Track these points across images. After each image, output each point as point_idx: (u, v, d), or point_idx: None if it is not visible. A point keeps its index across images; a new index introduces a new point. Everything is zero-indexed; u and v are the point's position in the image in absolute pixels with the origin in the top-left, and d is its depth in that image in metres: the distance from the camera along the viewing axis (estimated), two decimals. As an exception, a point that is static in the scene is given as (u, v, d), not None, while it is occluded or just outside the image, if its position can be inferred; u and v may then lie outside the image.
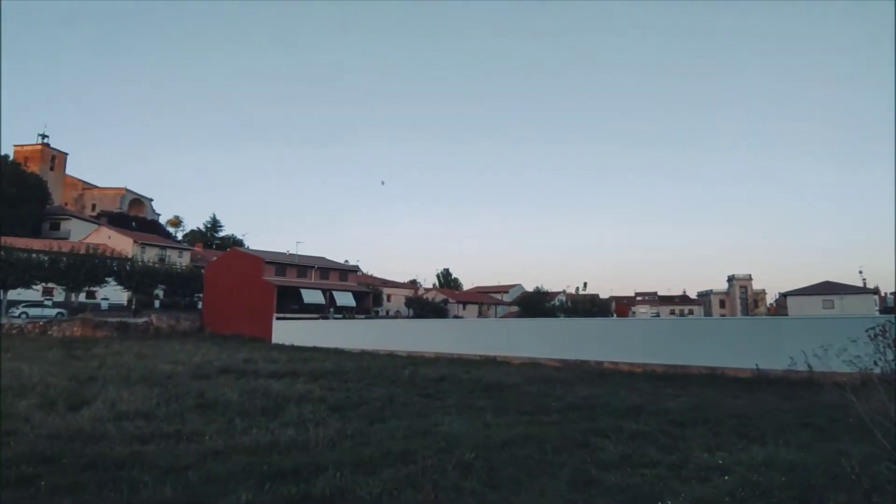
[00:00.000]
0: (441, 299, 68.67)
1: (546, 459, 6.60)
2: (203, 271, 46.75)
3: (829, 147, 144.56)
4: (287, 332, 32.37)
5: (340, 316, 40.62)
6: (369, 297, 47.59)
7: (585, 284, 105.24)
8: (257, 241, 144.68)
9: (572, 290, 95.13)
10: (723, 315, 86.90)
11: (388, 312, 64.17)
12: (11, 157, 69.85)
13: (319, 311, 41.29)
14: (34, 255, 37.34)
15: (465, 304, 73.14)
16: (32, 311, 35.62)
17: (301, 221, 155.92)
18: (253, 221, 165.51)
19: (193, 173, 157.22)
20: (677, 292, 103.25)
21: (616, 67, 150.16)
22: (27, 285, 36.60)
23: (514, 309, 70.60)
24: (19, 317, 34.14)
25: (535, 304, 63.89)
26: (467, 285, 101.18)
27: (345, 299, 43.46)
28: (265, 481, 5.55)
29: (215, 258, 51.76)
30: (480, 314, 73.19)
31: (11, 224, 54.35)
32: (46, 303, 39.58)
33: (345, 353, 24.97)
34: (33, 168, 71.82)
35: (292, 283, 40.98)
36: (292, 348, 27.37)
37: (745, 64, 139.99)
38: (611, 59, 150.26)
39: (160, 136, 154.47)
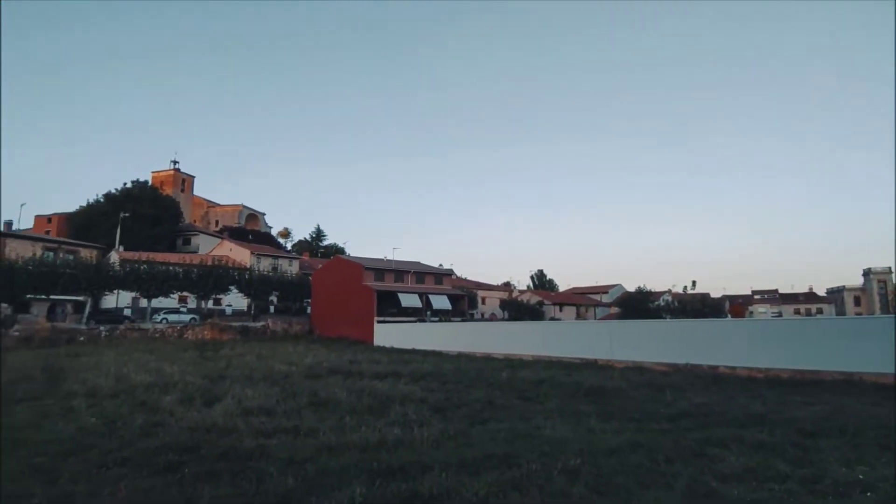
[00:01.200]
0: (536, 301, 67.62)
1: (658, 469, 6.24)
2: (310, 278, 50.08)
3: None
4: (387, 334, 33.68)
5: (437, 319, 41.46)
6: (464, 299, 48.10)
7: (694, 283, 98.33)
8: (357, 248, 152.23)
9: (679, 290, 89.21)
10: (858, 314, 76.68)
11: (483, 315, 64.41)
12: (150, 182, 79.86)
13: (416, 315, 42.47)
14: (171, 268, 42.44)
15: (561, 305, 71.42)
16: (171, 317, 40.32)
17: (396, 228, 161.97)
18: (352, 230, 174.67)
19: (298, 188, 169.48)
20: (802, 289, 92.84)
21: (723, 57, 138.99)
22: (166, 294, 41.65)
23: (615, 310, 67.63)
24: (161, 322, 38.80)
25: (638, 305, 60.74)
26: (563, 286, 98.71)
27: (440, 302, 44.33)
28: (375, 478, 5.81)
29: (320, 266, 55.25)
30: (578, 316, 71.04)
31: (152, 241, 62.20)
32: (182, 309, 44.61)
33: (442, 355, 25.42)
34: (167, 191, 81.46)
35: (390, 287, 42.60)
36: (392, 350, 28.40)
37: None
38: (715, 51, 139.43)
39: (268, 155, 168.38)
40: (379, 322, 36.50)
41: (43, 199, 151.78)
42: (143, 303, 42.56)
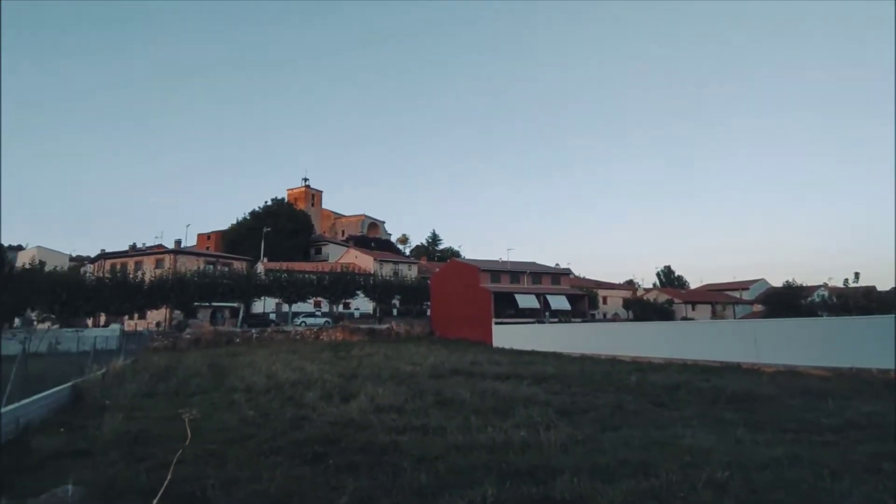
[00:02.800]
0: (664, 300, 63.17)
1: (822, 485, 5.48)
2: (428, 282, 51.85)
3: None
4: (506, 336, 33.64)
5: (556, 320, 40.53)
6: (584, 299, 46.43)
7: (857, 275, 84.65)
8: (471, 251, 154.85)
9: (837, 283, 77.51)
10: None
11: (604, 315, 61.70)
12: (286, 199, 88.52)
13: (534, 316, 41.90)
14: (306, 276, 46.67)
15: (693, 304, 65.87)
16: (309, 321, 44.21)
17: (510, 229, 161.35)
18: (466, 233, 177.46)
19: (413, 194, 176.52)
20: None
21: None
22: (304, 299, 45.94)
23: (759, 308, 60.77)
24: (300, 325, 42.69)
25: (788, 302, 53.82)
26: (694, 283, 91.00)
27: (559, 303, 43.27)
28: (505, 479, 5.81)
29: (437, 269, 56.92)
30: (714, 315, 64.95)
31: (289, 252, 68.88)
32: (317, 313, 48.73)
33: (564, 357, 24.77)
34: (300, 206, 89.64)
35: (506, 288, 42.53)
36: (512, 351, 28.30)
37: None
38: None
39: (384, 165, 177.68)
40: (497, 324, 36.61)
41: (203, 219, 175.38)
42: (285, 307, 47.32)
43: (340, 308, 52.31)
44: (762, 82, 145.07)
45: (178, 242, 64.07)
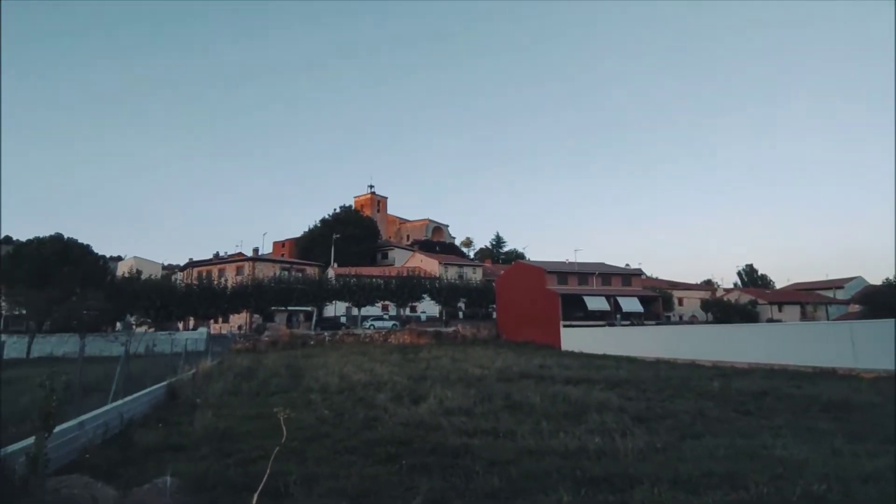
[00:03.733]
0: (747, 300, 59.16)
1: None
2: (493, 284, 51.63)
3: None
4: (575, 339, 32.84)
5: (628, 322, 39.05)
6: (658, 301, 44.42)
7: (977, 270, 75.16)
8: (537, 252, 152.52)
9: (952, 280, 69.13)
10: None
11: (681, 317, 58.73)
12: (353, 206, 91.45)
13: (604, 318, 40.60)
14: (374, 280, 48.00)
15: (780, 304, 61.18)
16: (377, 324, 45.35)
17: (576, 230, 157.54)
18: (531, 235, 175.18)
19: (476, 197, 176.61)
20: None
21: None
22: (372, 303, 47.26)
23: (855, 308, 55.42)
24: (369, 328, 43.89)
25: (889, 301, 48.68)
26: (780, 282, 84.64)
27: (631, 304, 41.65)
28: (580, 486, 5.66)
29: (502, 272, 56.57)
30: (804, 316, 60.01)
31: (357, 257, 71.09)
32: (385, 316, 49.90)
33: (637, 361, 23.83)
34: (366, 212, 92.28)
35: (574, 290, 41.51)
36: (582, 355, 27.58)
37: None
38: None
39: (447, 169, 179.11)
40: (565, 326, 35.82)
41: (278, 227, 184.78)
42: (354, 311, 48.87)
43: (407, 311, 53.27)
44: (852, 69, 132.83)
45: (255, 250, 67.91)
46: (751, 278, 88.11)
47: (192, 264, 62.80)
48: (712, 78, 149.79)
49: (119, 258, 77.45)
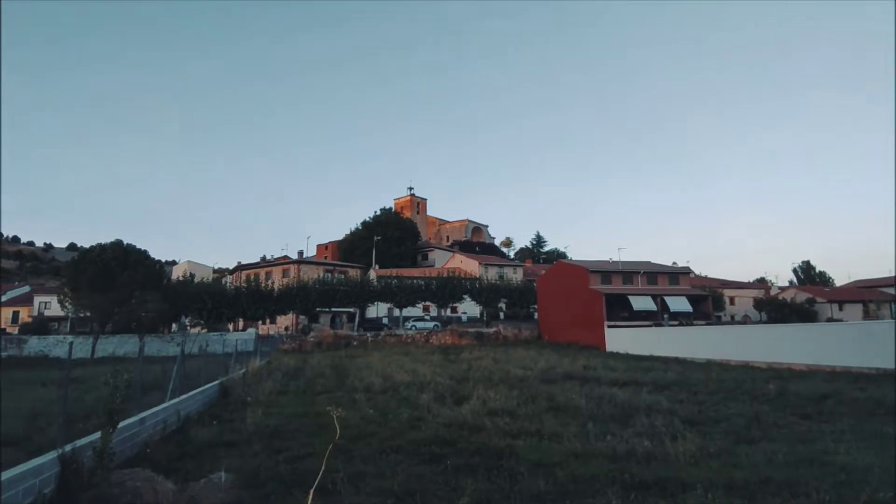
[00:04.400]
0: (804, 299, 56.19)
1: None
2: (535, 284, 51.06)
3: None
4: (620, 339, 32.06)
5: (676, 323, 37.79)
6: (707, 300, 42.77)
7: None
8: (579, 252, 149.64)
9: None
10: None
11: (732, 318, 56.41)
12: (393, 208, 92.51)
13: (651, 318, 39.42)
14: (414, 281, 48.41)
15: (840, 303, 57.75)
16: (419, 325, 45.68)
17: (619, 228, 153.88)
18: (572, 234, 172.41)
19: (515, 197, 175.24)
20: None
21: None
22: (413, 304, 47.66)
23: (926, 307, 51.71)
24: (411, 329, 44.27)
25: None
26: (840, 279, 79.94)
27: (679, 304, 40.27)
28: (629, 490, 5.52)
29: (543, 272, 55.87)
30: (867, 315, 56.44)
31: (398, 258, 71.86)
32: (426, 317, 50.21)
33: (686, 362, 23.04)
34: (406, 214, 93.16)
35: (619, 290, 40.50)
36: (627, 356, 26.91)
37: None
38: None
39: (485, 170, 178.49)
40: (609, 327, 35.02)
41: (321, 230, 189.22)
42: (396, 312, 49.41)
43: (448, 312, 53.43)
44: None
45: (300, 253, 69.70)
46: (808, 275, 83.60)
47: (240, 268, 65.06)
48: (765, 65, 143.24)
49: (173, 262, 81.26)
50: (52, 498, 5.20)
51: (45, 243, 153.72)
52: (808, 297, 57.34)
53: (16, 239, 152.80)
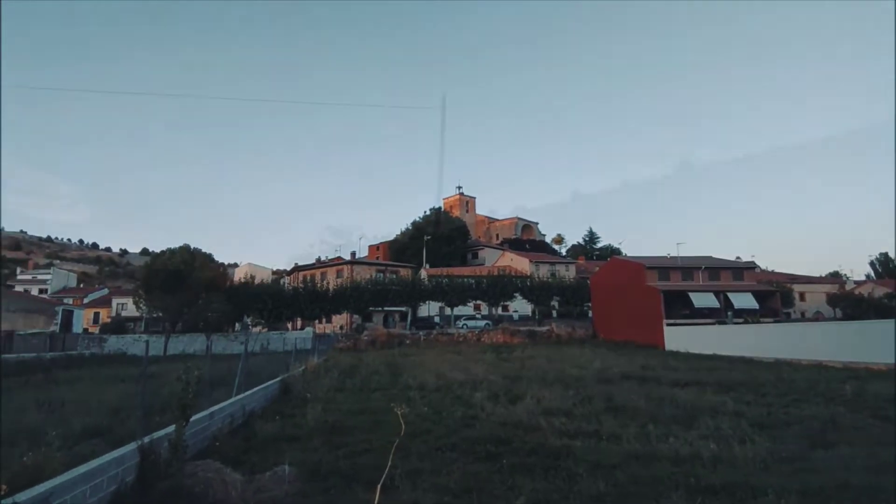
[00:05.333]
0: (882, 293, 52.04)
1: None
2: (588, 282, 49.93)
3: None
4: (680, 338, 30.84)
5: (741, 320, 35.92)
6: (775, 296, 40.40)
7: None
8: (634, 248, 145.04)
9: None
10: None
11: (803, 314, 53.05)
12: (443, 208, 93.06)
13: (713, 316, 37.66)
14: (465, 280, 48.52)
15: (926, 298, 53.02)
16: (470, 323, 45.73)
17: (678, 221, 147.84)
18: (626, 229, 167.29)
19: (566, 193, 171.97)
20: None
21: None
22: (464, 303, 47.80)
23: None
24: (462, 327, 44.39)
25: None
26: (927, 272, 73.22)
27: (743, 301, 38.28)
28: (695, 494, 5.31)
29: (597, 269, 54.54)
30: (960, 311, 51.53)
31: (448, 258, 72.21)
32: (477, 316, 50.20)
33: (753, 362, 21.89)
34: (456, 213, 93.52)
35: (678, 286, 38.96)
36: (689, 356, 25.84)
37: None
38: None
39: (534, 166, 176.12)
40: (669, 325, 33.75)
41: (373, 231, 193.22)
42: (447, 311, 49.70)
43: (499, 311, 53.17)
44: None
45: (353, 254, 71.39)
46: (886, 269, 77.18)
47: (297, 269, 67.35)
48: (832, 55, 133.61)
49: (235, 265, 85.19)
50: (133, 486, 5.57)
51: (120, 249, 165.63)
52: (887, 291, 53.05)
53: (95, 245, 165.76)
